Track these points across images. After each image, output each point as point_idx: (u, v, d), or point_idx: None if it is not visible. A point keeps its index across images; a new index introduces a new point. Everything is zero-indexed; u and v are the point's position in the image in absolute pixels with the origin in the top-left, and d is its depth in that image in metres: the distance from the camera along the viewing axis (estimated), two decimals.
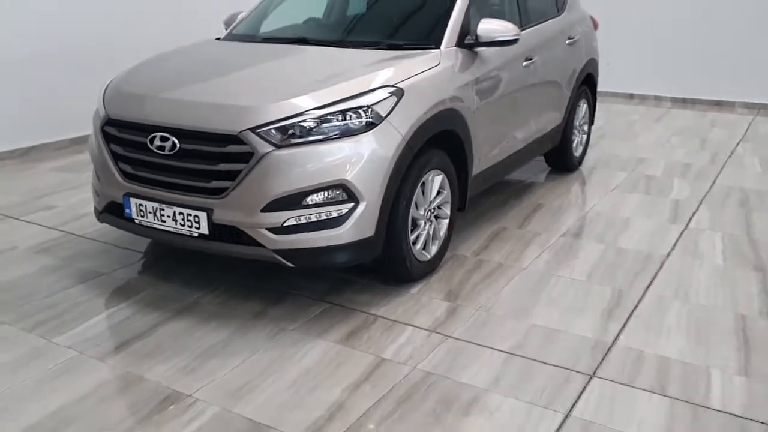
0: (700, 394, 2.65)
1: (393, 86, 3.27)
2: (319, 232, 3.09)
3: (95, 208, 3.63)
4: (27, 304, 3.36)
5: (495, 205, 4.86)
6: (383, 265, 3.47)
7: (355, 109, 3.12)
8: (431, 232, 3.66)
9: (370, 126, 3.13)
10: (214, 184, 3.10)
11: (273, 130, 3.01)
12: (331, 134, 3.07)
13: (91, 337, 3.06)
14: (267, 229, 3.05)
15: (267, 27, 4.36)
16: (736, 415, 2.51)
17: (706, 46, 8.73)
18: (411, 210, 3.42)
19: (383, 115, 3.17)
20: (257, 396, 2.64)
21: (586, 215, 4.70)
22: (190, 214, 3.14)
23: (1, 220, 4.53)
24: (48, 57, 5.90)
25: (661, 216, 4.67)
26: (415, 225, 3.52)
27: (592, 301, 3.44)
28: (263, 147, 3.00)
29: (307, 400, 2.60)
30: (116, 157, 3.38)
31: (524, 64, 4.46)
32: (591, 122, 6.02)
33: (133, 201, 3.30)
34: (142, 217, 3.29)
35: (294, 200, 3.03)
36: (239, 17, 4.57)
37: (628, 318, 3.26)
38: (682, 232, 4.38)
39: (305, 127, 3.04)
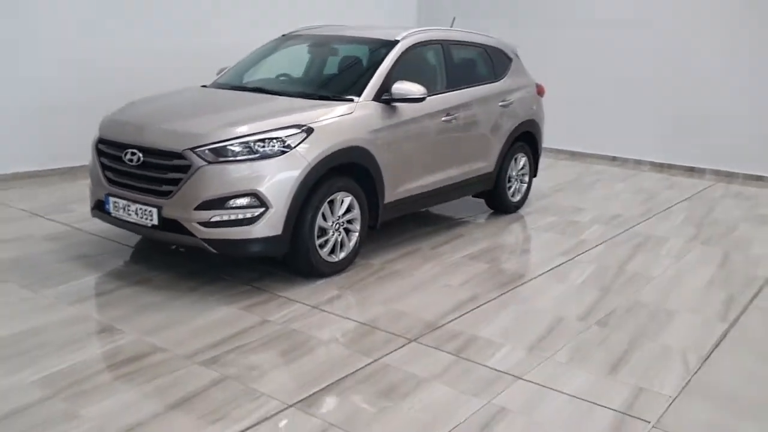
0: (487, 356, 3.62)
1: (305, 125, 4.42)
2: (237, 227, 4.22)
3: (90, 206, 4.87)
4: (28, 270, 4.58)
5: (423, 232, 5.91)
6: (293, 260, 4.57)
7: (270, 139, 4.28)
8: (340, 241, 4.73)
9: (281, 153, 4.28)
10: (164, 188, 4.28)
11: (207, 150, 4.20)
12: (251, 156, 4.23)
13: (67, 292, 4.24)
14: (198, 223, 4.21)
15: (240, 79, 5.60)
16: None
17: (685, 113, 9.53)
18: (318, 220, 4.50)
19: (293, 145, 4.32)
20: (165, 333, 3.75)
21: (493, 245, 5.67)
22: (147, 210, 4.33)
23: (29, 217, 5.82)
24: (101, 98, 7.12)
25: (556, 250, 5.61)
26: (324, 233, 4.60)
27: (449, 297, 4.43)
28: (199, 162, 4.18)
29: (197, 339, 3.69)
30: (103, 167, 4.62)
31: (444, 118, 5.55)
32: (533, 174, 7.02)
33: (111, 199, 4.53)
34: (116, 211, 4.50)
35: (219, 202, 4.19)
36: (225, 70, 5.85)
37: (468, 312, 4.23)
38: (563, 263, 5.31)
39: (231, 149, 4.22)
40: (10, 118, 6.77)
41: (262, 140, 4.27)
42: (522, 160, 6.78)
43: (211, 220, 4.18)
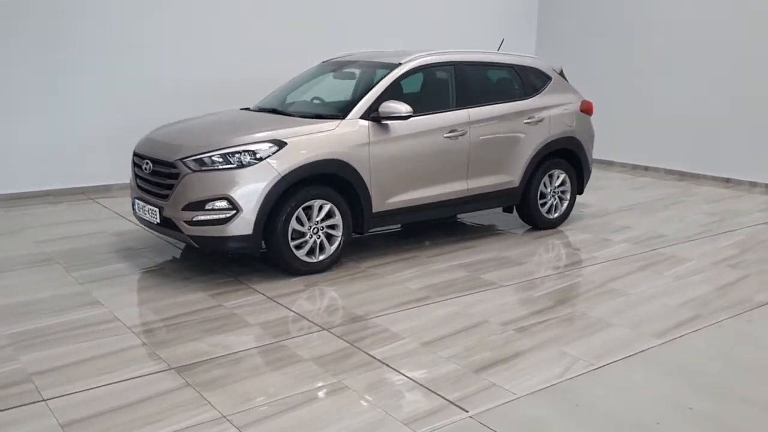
0: (377, 346, 4.02)
1: (278, 140, 5.10)
2: (214, 226, 4.98)
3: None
4: (78, 257, 5.67)
5: (438, 241, 6.28)
6: (272, 258, 5.25)
7: (244, 152, 5.01)
8: (319, 244, 5.33)
9: (252, 164, 4.99)
10: (164, 192, 5.18)
11: (191, 161, 5.03)
12: (227, 166, 4.99)
13: (89, 275, 5.26)
14: (184, 221, 5.03)
15: (273, 101, 6.39)
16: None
17: None
18: (292, 224, 5.14)
19: (263, 157, 5.02)
20: (132, 309, 4.60)
21: (494, 258, 5.87)
22: (153, 210, 5.25)
23: (114, 218, 7.08)
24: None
25: (549, 265, 5.73)
26: (301, 235, 5.24)
27: (398, 298, 4.80)
28: (185, 170, 5.02)
29: (153, 314, 4.49)
30: (136, 176, 5.64)
31: (447, 134, 5.93)
32: (577, 191, 7.07)
33: (136, 201, 5.52)
34: (139, 211, 5.48)
35: (200, 204, 4.97)
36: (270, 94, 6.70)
37: (403, 310, 4.61)
38: (542, 276, 5.44)
39: (211, 160, 5.00)
40: (109, 137, 8.09)
41: (237, 153, 4.99)
42: (560, 177, 6.86)
43: (194, 219, 4.98)
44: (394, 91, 5.75)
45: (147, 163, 5.31)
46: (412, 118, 5.62)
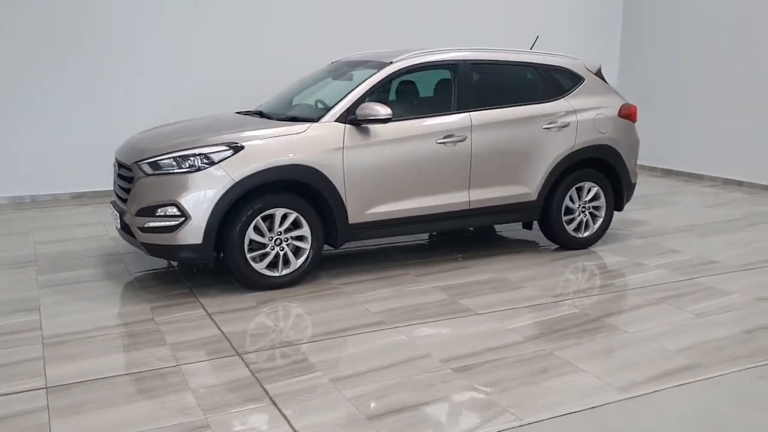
0: (282, 377, 3.54)
1: (234, 143, 4.71)
2: (163, 234, 4.66)
3: None
4: (56, 261, 5.59)
5: (439, 258, 5.69)
6: (230, 270, 4.86)
7: (196, 155, 4.66)
8: (283, 256, 4.88)
9: (203, 168, 4.63)
10: (126, 196, 4.93)
11: (145, 164, 4.74)
12: (178, 170, 4.65)
13: (53, 278, 5.13)
14: (138, 227, 4.75)
15: (270, 103, 5.99)
16: None
17: None
18: (249, 234, 4.73)
19: (216, 161, 4.64)
20: (67, 317, 4.35)
21: (490, 279, 5.21)
22: (116, 215, 5.02)
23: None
24: None
25: (551, 291, 4.96)
26: (261, 246, 4.82)
27: (349, 322, 4.28)
28: (139, 174, 4.74)
29: (82, 324, 4.21)
30: (114, 180, 5.44)
31: (441, 140, 5.31)
32: (614, 207, 6.20)
33: (111, 206, 5.31)
34: (111, 215, 5.28)
35: (150, 211, 4.67)
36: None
37: (342, 336, 4.07)
38: (535, 305, 4.71)
39: (163, 163, 4.69)
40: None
41: (190, 156, 4.65)
42: (592, 191, 6.03)
43: (146, 225, 4.68)
44: (381, 93, 5.19)
45: (116, 166, 5.08)
46: (399, 122, 5.12)
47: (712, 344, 3.99)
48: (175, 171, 4.62)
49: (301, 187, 4.88)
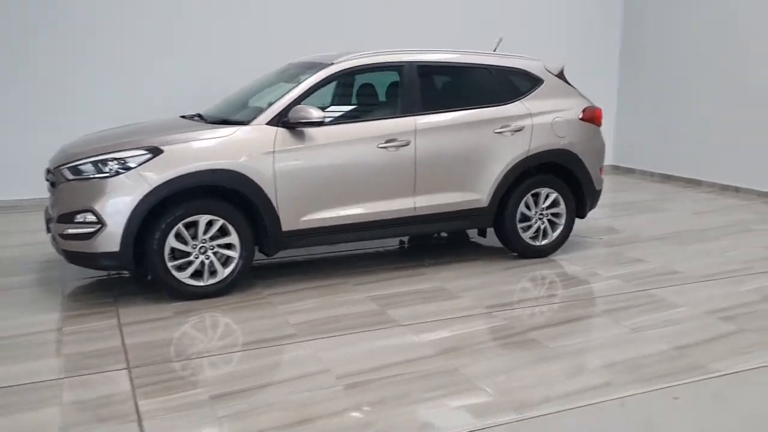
0: (159, 394, 3.38)
1: (153, 147, 4.58)
2: (81, 241, 4.54)
3: None
4: (5, 266, 5.52)
5: (392, 266, 5.50)
6: (154, 280, 4.73)
7: (113, 160, 4.54)
8: (208, 264, 4.74)
9: (120, 173, 4.51)
10: (52, 201, 4.83)
11: (65, 169, 4.64)
12: (96, 175, 4.54)
13: (21, 283, 5.06)
14: (59, 234, 4.66)
15: (213, 109, 5.87)
16: None
17: None
18: (170, 241, 4.60)
19: (133, 166, 4.52)
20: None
21: (432, 288, 5.00)
22: (45, 222, 4.93)
23: None
24: None
25: (486, 302, 4.72)
26: (185, 255, 4.68)
27: (260, 334, 4.12)
28: (60, 179, 4.64)
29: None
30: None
31: (383, 145, 5.12)
32: (575, 214, 5.93)
33: (44, 212, 5.23)
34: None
35: (69, 217, 4.56)
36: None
37: (243, 351, 3.91)
38: (444, 319, 4.49)
39: (82, 169, 4.58)
40: None
41: (108, 161, 4.53)
42: (551, 197, 5.77)
43: (65, 232, 4.58)
44: (320, 95, 5.01)
45: (47, 171, 5.00)
46: (338, 126, 5.02)
47: (635, 361, 3.72)
48: (93, 176, 4.51)
49: (228, 193, 4.71)
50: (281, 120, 4.85)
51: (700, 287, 5.01)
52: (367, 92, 5.47)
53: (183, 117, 5.62)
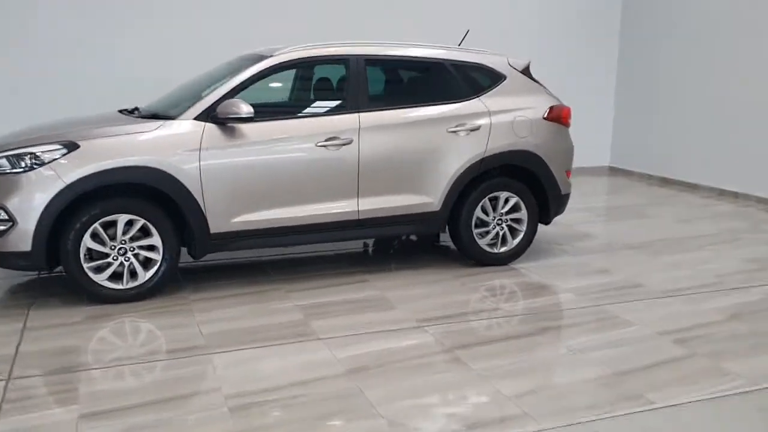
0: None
1: (68, 142, 4.30)
2: None
3: None
4: None
5: (335, 272, 5.21)
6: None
7: (27, 155, 4.28)
8: (128, 267, 4.46)
9: (32, 168, 4.24)
10: None
11: None
12: (11, 170, 4.27)
13: None
14: None
15: (153, 104, 5.54)
16: None
17: None
18: (86, 242, 4.33)
19: (46, 161, 4.25)
20: None
21: (368, 298, 4.70)
22: None
23: None
24: None
25: (423, 315, 4.40)
26: (103, 256, 4.41)
27: (164, 344, 3.86)
28: None
29: None
30: None
31: (322, 143, 4.80)
32: (537, 219, 5.57)
33: None
34: None
35: None
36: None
37: (146, 362, 3.63)
38: (376, 332, 4.17)
39: None
40: None
41: (22, 155, 4.27)
42: (510, 202, 5.41)
43: None
44: (255, 89, 4.70)
45: None
46: (273, 122, 4.71)
47: (564, 389, 3.37)
48: (7, 171, 4.24)
49: (151, 192, 4.42)
50: (210, 115, 4.53)
51: (660, 304, 4.63)
52: (309, 87, 5.15)
53: (121, 111, 5.32)
